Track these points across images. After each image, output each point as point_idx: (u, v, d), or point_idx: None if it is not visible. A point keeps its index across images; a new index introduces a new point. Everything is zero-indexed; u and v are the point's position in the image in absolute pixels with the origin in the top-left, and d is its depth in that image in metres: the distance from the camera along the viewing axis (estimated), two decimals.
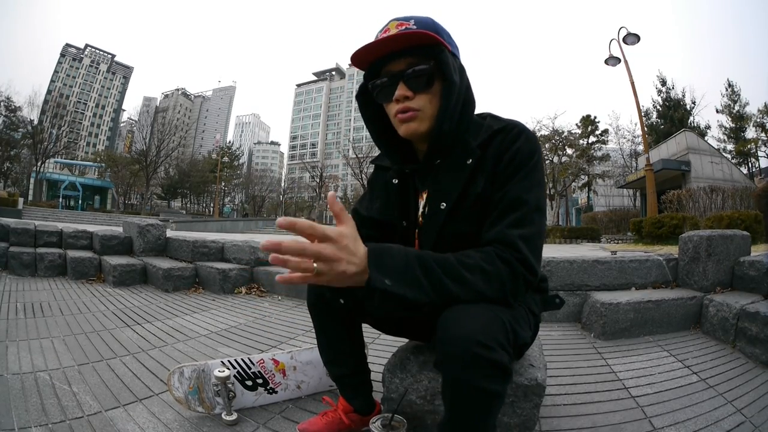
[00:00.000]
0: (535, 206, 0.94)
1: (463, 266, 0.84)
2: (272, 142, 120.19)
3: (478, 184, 0.99)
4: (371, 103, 1.08)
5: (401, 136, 1.03)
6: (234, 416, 1.43)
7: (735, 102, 31.58)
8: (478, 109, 1.08)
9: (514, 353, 0.88)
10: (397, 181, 1.13)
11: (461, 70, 1.01)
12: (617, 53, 13.15)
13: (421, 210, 1.10)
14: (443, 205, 1.02)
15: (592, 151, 31.46)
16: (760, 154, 30.22)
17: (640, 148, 27.18)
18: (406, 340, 1.41)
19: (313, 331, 1.31)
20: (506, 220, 0.92)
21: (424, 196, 1.09)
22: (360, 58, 0.98)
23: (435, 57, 0.96)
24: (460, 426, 0.84)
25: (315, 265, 0.74)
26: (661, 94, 33.29)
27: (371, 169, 1.33)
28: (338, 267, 0.75)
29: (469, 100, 1.03)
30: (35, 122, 39.46)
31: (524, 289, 0.90)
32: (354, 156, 46.97)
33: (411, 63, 0.97)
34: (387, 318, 1.24)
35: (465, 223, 1.00)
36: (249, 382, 1.54)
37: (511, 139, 0.98)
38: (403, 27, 0.95)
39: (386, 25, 0.98)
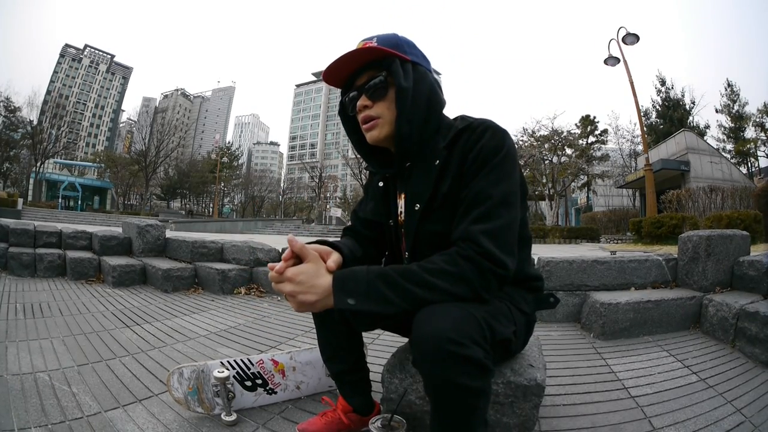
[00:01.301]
0: (500, 199, 0.94)
1: (425, 271, 0.88)
2: (271, 143, 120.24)
3: (445, 184, 1.03)
4: (350, 117, 1.16)
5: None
6: (233, 417, 1.43)
7: (734, 102, 31.62)
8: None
9: (494, 349, 0.89)
10: (382, 184, 1.21)
11: (421, 74, 1.07)
12: (617, 53, 13.19)
13: (400, 210, 1.16)
14: (417, 206, 1.07)
15: (592, 151, 31.50)
16: (759, 153, 30.26)
17: (640, 148, 27.21)
18: (406, 340, 1.41)
19: (312, 332, 1.32)
20: (470, 216, 0.94)
21: (403, 197, 1.15)
22: (331, 77, 1.10)
23: (387, 67, 1.04)
24: (445, 424, 0.86)
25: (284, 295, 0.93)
26: (661, 94, 33.36)
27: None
28: (298, 299, 0.91)
29: (433, 101, 1.07)
30: (34, 123, 39.41)
31: (496, 284, 0.91)
32: (353, 156, 46.90)
33: (370, 76, 1.06)
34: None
35: (438, 223, 1.04)
36: (248, 383, 1.54)
37: (476, 137, 1.01)
38: (367, 46, 1.04)
39: (357, 45, 1.07)
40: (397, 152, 1.09)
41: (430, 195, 1.05)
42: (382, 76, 1.05)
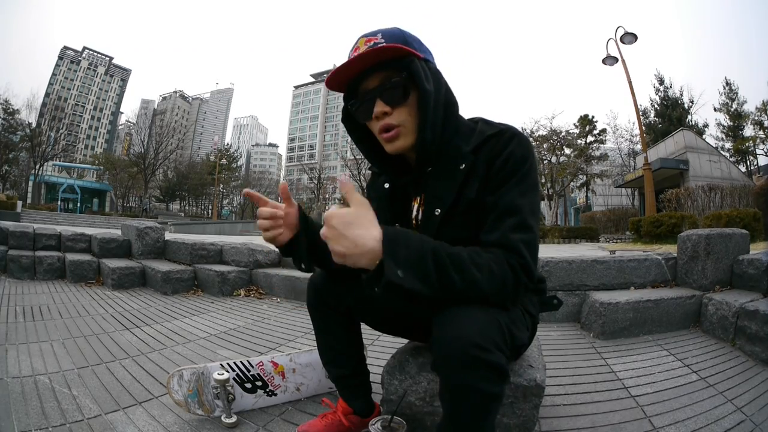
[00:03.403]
0: (530, 211, 0.93)
1: (473, 264, 0.82)
2: (270, 144, 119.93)
3: (471, 189, 0.99)
4: (357, 124, 1.07)
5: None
6: (233, 419, 1.43)
7: (733, 100, 31.65)
8: (475, 113, 1.09)
9: (510, 354, 0.89)
10: (388, 186, 1.14)
11: (436, 74, 1.00)
12: (615, 52, 13.20)
13: (414, 214, 1.11)
14: (437, 211, 1.02)
15: (590, 150, 31.45)
16: (758, 151, 30.30)
17: (639, 147, 27.24)
18: (405, 341, 1.41)
19: (313, 332, 1.31)
20: (506, 224, 0.91)
21: (418, 201, 1.10)
22: (334, 82, 1.00)
23: (406, 68, 0.96)
24: (458, 427, 0.84)
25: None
26: (659, 93, 33.35)
27: (370, 172, 1.33)
28: (328, 242, 0.78)
29: (449, 102, 1.02)
30: (33, 125, 39.39)
31: (522, 295, 0.90)
32: (352, 158, 46.94)
33: (384, 78, 0.97)
34: (385, 318, 1.24)
35: (459, 229, 1.00)
36: (248, 385, 1.54)
37: (503, 143, 0.98)
38: (372, 42, 0.96)
39: (356, 43, 0.99)
40: (419, 160, 1.03)
41: (454, 200, 1.00)
42: (401, 78, 0.96)
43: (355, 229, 0.77)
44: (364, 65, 0.96)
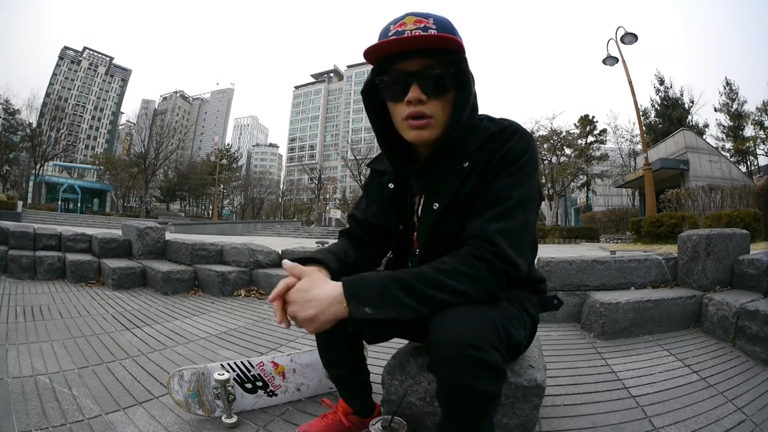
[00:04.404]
0: (518, 201, 0.93)
1: (440, 273, 0.86)
2: (271, 144, 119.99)
3: (469, 184, 0.99)
4: (377, 99, 1.03)
5: (404, 139, 1.01)
6: (234, 419, 1.43)
7: (733, 100, 31.64)
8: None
9: (507, 353, 0.89)
10: (392, 186, 1.13)
11: (473, 77, 0.99)
12: (615, 53, 13.21)
13: (418, 214, 1.10)
14: (436, 205, 1.03)
15: (591, 150, 31.46)
16: (758, 152, 30.30)
17: (639, 147, 27.23)
18: (406, 342, 1.41)
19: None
20: (486, 214, 0.92)
21: (419, 198, 1.10)
22: (375, 53, 0.94)
23: (455, 64, 0.94)
24: (456, 427, 0.84)
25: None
26: (659, 93, 33.33)
27: (369, 172, 1.33)
28: (299, 317, 0.88)
29: (475, 107, 1.02)
30: (34, 125, 39.42)
31: (507, 283, 0.90)
32: (352, 158, 46.92)
33: (428, 65, 0.93)
34: None
35: (457, 222, 1.00)
36: (249, 385, 1.54)
37: (504, 138, 0.98)
38: (422, 24, 0.91)
39: (402, 18, 0.94)
40: (433, 154, 1.02)
41: (453, 195, 1.00)
42: (447, 72, 0.93)
43: (315, 289, 0.88)
44: (413, 47, 0.91)
